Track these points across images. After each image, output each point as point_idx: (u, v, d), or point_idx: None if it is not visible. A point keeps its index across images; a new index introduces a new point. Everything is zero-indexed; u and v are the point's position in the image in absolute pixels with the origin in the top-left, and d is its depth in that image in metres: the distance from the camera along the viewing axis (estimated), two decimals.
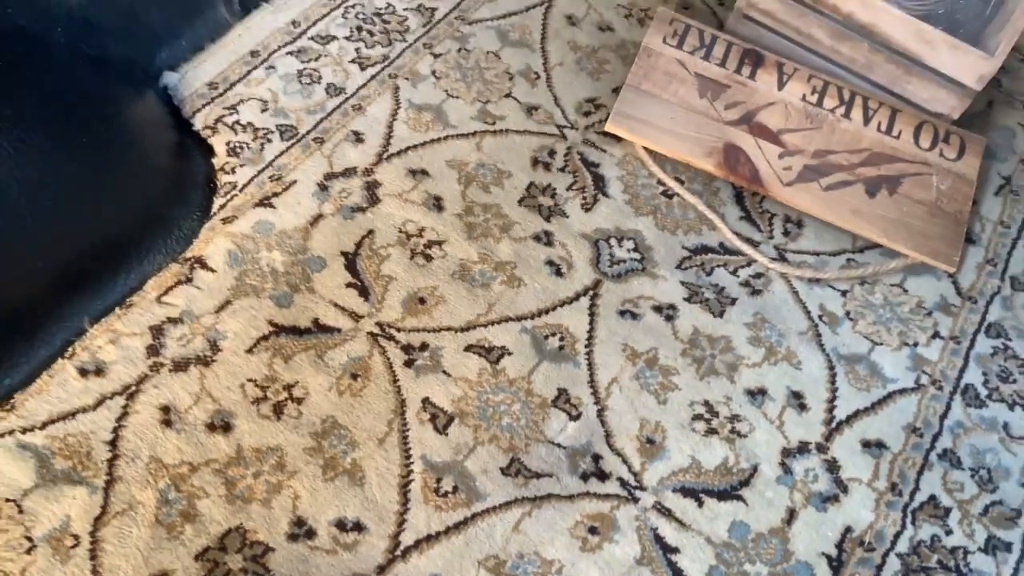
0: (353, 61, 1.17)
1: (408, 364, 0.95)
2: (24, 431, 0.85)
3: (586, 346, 1.00)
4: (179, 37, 1.12)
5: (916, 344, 1.07)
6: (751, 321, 1.05)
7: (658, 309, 1.04)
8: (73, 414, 0.87)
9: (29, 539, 0.80)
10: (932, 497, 0.97)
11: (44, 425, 0.86)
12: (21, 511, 0.81)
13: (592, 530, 0.89)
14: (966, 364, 1.07)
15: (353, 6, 1.21)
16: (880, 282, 1.12)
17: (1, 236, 0.90)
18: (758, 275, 1.09)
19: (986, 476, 0.99)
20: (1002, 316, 1.11)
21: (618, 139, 1.16)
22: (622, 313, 1.03)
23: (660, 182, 1.14)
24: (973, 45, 1.21)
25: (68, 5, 0.99)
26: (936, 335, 1.08)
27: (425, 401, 0.94)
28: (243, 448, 0.88)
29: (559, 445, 0.94)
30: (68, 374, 0.89)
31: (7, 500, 0.82)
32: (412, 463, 0.90)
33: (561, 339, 1.00)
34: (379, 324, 0.97)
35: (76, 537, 0.81)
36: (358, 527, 0.86)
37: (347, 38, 1.18)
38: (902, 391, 1.03)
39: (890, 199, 1.15)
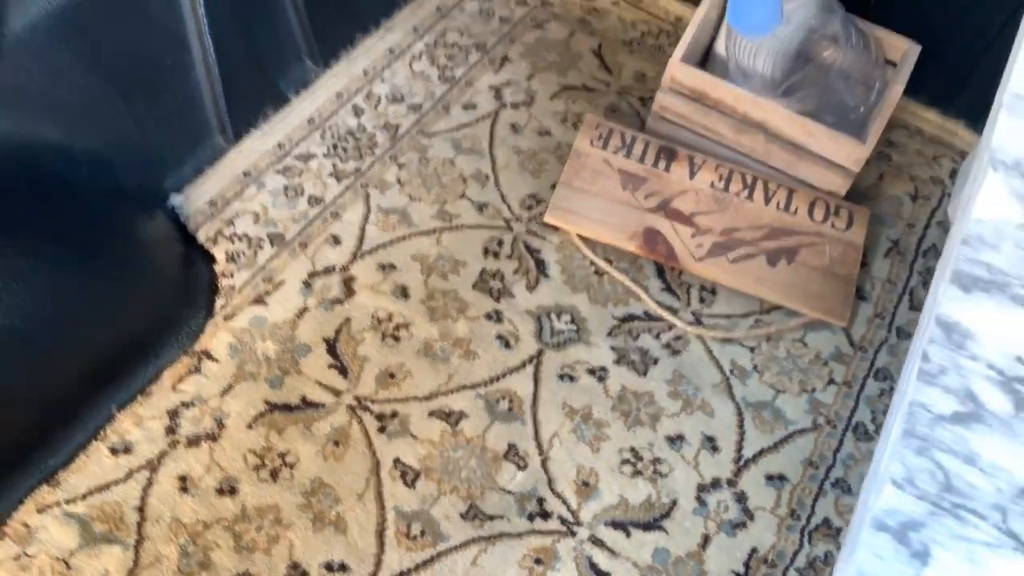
0: (330, 174, 1.38)
1: (381, 430, 1.15)
2: (68, 502, 1.05)
3: (531, 407, 1.20)
4: (183, 164, 1.34)
5: (814, 390, 1.26)
6: (671, 378, 1.25)
7: (592, 372, 1.24)
8: (107, 486, 1.06)
9: None
10: (826, 519, 1.15)
11: (84, 496, 1.05)
12: (69, 568, 1.00)
13: (537, 561, 1.08)
14: (857, 405, 1.26)
15: (330, 127, 1.44)
16: (783, 338, 1.31)
17: (42, 342, 1.10)
18: (678, 338, 1.29)
19: None
20: (889, 361, 1.30)
21: (556, 228, 1.37)
22: (561, 377, 1.23)
23: (592, 263, 1.34)
24: (864, 128, 1.42)
25: (91, 150, 1.20)
26: (831, 381, 1.27)
27: (396, 461, 1.13)
28: (247, 507, 1.07)
29: (509, 492, 1.13)
30: (102, 453, 1.09)
31: (57, 559, 1.01)
32: (386, 513, 1.09)
33: (510, 402, 1.20)
34: (356, 398, 1.17)
35: None
36: (343, 568, 1.04)
37: (325, 155, 1.40)
38: (801, 431, 1.22)
39: (789, 267, 1.35)
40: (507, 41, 1.60)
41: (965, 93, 1.58)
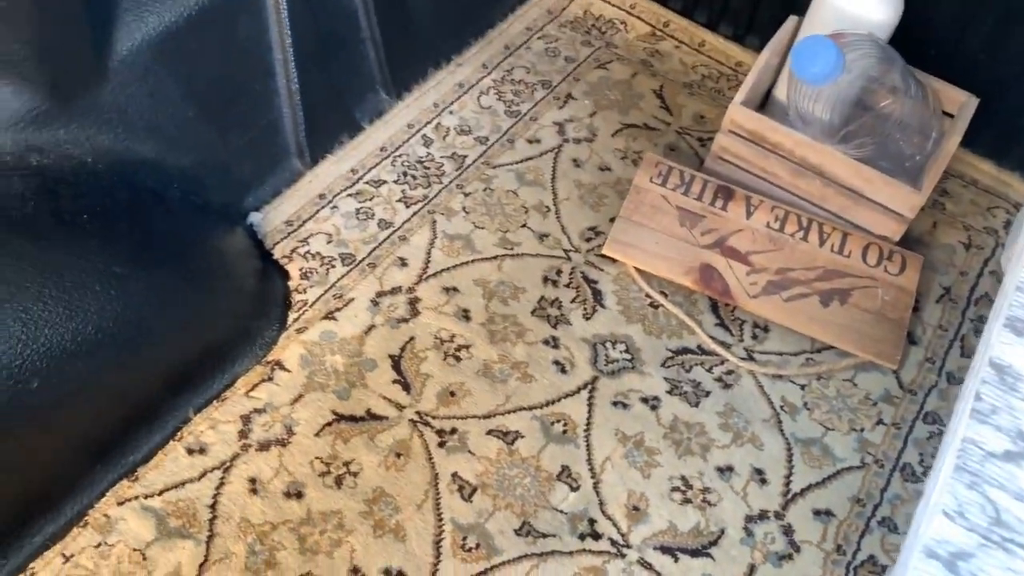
0: (399, 200, 1.45)
1: (441, 445, 1.20)
2: (146, 497, 1.11)
3: (585, 431, 1.24)
4: (262, 184, 1.42)
5: (863, 429, 1.29)
6: (722, 410, 1.28)
7: (645, 400, 1.28)
8: (183, 484, 1.12)
9: None
10: (871, 556, 1.17)
11: (161, 492, 1.11)
12: (145, 558, 1.06)
13: None
14: (905, 446, 1.28)
15: (400, 156, 1.51)
16: (834, 377, 1.34)
17: (131, 346, 1.17)
18: (730, 372, 1.32)
19: None
20: (938, 406, 1.32)
21: (613, 261, 1.41)
22: (615, 404, 1.27)
23: (648, 295, 1.39)
24: (919, 176, 1.45)
25: (181, 167, 1.28)
26: (880, 422, 1.30)
27: (454, 475, 1.17)
28: (312, 511, 1.12)
29: (561, 511, 1.16)
30: (178, 453, 1.15)
31: (134, 550, 1.07)
32: (443, 524, 1.13)
33: (564, 425, 1.24)
34: (418, 413, 1.22)
35: None
36: (401, 574, 1.09)
37: (395, 182, 1.47)
38: (849, 469, 1.25)
39: (842, 308, 1.38)
40: (571, 80, 1.66)
41: (1021, 146, 1.61)
